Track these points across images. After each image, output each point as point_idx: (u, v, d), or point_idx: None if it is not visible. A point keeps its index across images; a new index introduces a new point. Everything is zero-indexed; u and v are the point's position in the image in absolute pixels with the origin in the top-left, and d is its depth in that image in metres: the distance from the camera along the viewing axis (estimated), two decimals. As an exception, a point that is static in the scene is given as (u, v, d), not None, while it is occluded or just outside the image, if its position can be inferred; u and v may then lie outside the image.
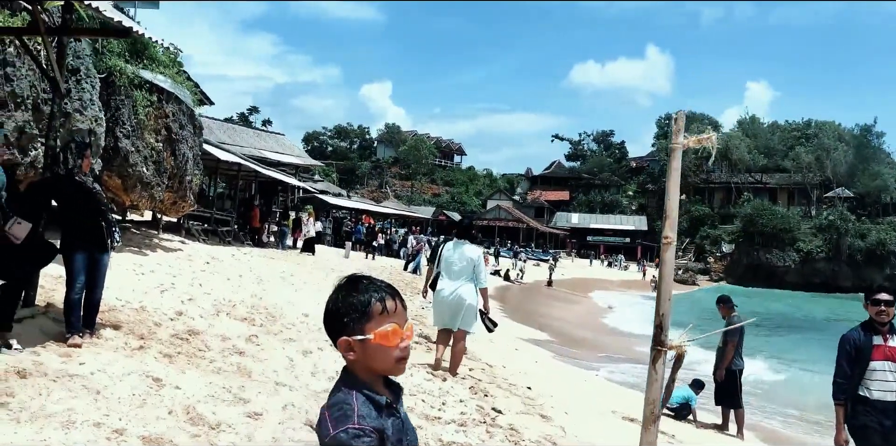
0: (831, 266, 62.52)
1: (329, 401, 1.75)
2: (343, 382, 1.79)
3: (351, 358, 1.79)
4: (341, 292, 1.85)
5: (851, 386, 4.99)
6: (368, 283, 1.86)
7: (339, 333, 1.80)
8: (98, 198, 5.89)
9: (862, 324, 5.12)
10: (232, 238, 22.39)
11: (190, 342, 6.45)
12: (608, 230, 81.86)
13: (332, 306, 1.84)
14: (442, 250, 8.11)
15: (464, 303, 7.62)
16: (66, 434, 3.58)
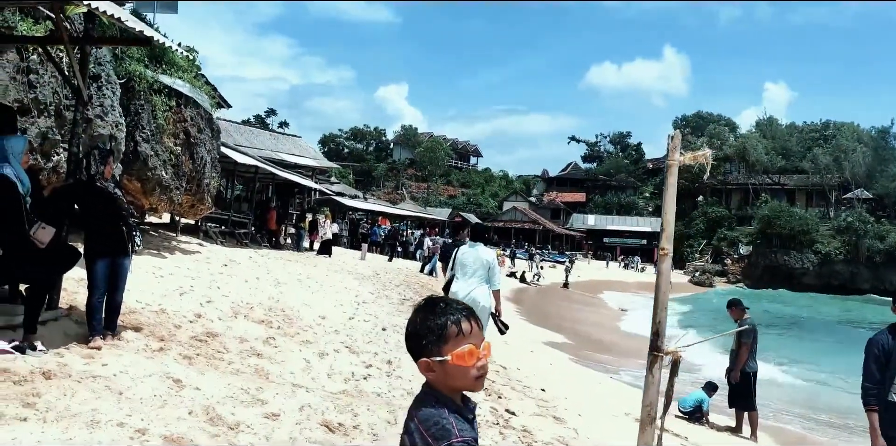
0: (850, 268, 61.98)
1: (419, 416, 1.86)
2: (429, 397, 1.90)
3: (431, 377, 1.90)
4: (419, 315, 1.95)
5: (882, 391, 4.84)
6: (445, 306, 1.95)
7: (419, 354, 1.91)
8: (119, 204, 6.03)
9: (890, 327, 4.97)
10: (249, 240, 22.58)
11: (209, 344, 6.58)
12: (625, 232, 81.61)
13: (412, 329, 1.95)
14: (457, 253, 8.22)
15: (478, 305, 7.68)
16: (91, 433, 3.70)
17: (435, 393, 1.90)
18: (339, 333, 8.93)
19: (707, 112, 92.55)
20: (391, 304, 14.41)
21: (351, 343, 8.41)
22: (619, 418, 8.10)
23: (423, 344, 1.90)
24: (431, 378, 1.90)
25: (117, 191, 6.11)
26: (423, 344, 1.90)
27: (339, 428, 4.90)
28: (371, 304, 13.34)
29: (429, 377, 1.91)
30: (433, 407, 1.86)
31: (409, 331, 1.95)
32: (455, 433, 1.79)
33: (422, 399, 1.91)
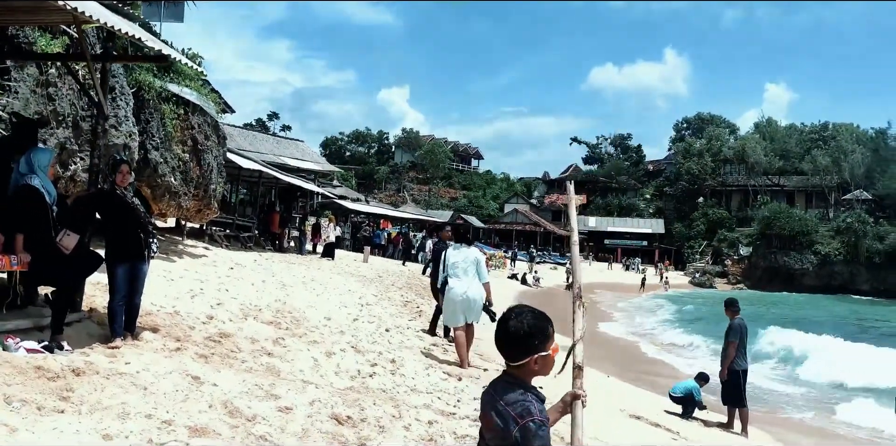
0: (849, 268, 62.19)
1: (506, 399, 2.34)
2: (515, 386, 2.38)
3: (529, 370, 2.39)
4: (525, 321, 2.42)
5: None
6: (540, 313, 2.48)
7: (528, 352, 2.38)
8: (137, 212, 6.38)
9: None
10: (253, 243, 22.94)
11: (222, 344, 6.93)
12: (625, 233, 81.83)
13: (524, 332, 2.39)
14: (447, 255, 9.09)
15: (476, 300, 8.71)
16: (123, 423, 4.05)
17: (521, 382, 2.39)
18: (344, 334, 9.28)
19: (708, 113, 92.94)
20: (394, 306, 14.74)
21: (356, 343, 8.75)
22: (614, 414, 8.44)
23: (535, 343, 2.39)
24: (530, 370, 2.40)
25: (135, 199, 6.45)
26: (535, 343, 2.38)
27: (348, 420, 5.25)
28: (374, 306, 13.69)
29: (529, 370, 2.39)
30: (519, 392, 2.35)
31: (521, 334, 2.39)
32: (536, 412, 2.28)
33: (506, 387, 2.39)
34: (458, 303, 8.76)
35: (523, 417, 2.27)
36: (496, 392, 2.39)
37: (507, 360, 2.44)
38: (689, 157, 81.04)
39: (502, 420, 2.30)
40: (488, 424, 2.39)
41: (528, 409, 2.29)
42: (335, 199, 40.76)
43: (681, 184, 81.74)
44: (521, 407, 2.29)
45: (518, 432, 2.25)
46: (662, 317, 29.12)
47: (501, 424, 2.30)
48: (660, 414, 9.36)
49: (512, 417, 2.28)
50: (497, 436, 2.33)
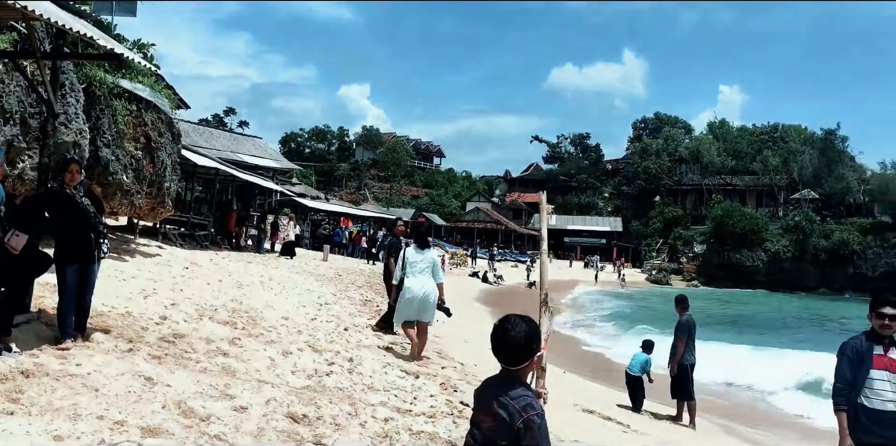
0: (798, 265, 63.94)
1: (510, 395, 2.70)
2: (516, 383, 2.76)
3: (527, 368, 2.80)
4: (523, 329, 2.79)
5: (852, 394, 5.08)
6: (531, 320, 2.88)
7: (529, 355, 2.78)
8: (88, 212, 6.29)
9: (865, 333, 5.21)
10: (209, 242, 22.69)
11: (176, 344, 6.88)
12: (584, 231, 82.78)
13: (525, 341, 2.77)
14: (405, 254, 9.37)
15: (430, 298, 9.11)
16: (74, 424, 4.02)
17: (521, 380, 2.78)
18: (302, 333, 9.27)
19: (665, 114, 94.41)
20: (353, 305, 14.74)
21: (314, 342, 8.75)
22: (567, 408, 8.58)
23: (534, 347, 2.79)
24: (527, 368, 2.80)
25: (85, 199, 6.35)
26: (534, 347, 2.79)
27: (304, 418, 5.28)
28: (333, 305, 13.67)
29: (528, 369, 2.81)
30: (521, 389, 2.74)
31: (523, 343, 2.76)
32: (537, 407, 2.67)
33: (509, 384, 2.76)
34: (415, 301, 9.05)
35: (527, 411, 2.63)
36: (499, 388, 2.74)
37: (509, 365, 2.78)
38: (647, 157, 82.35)
39: (507, 413, 2.65)
40: (490, 417, 2.73)
41: (530, 404, 2.67)
42: (294, 197, 40.49)
43: (638, 183, 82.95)
44: (524, 402, 2.66)
45: (522, 423, 2.61)
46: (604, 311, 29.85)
47: (507, 417, 2.64)
48: (612, 407, 9.55)
49: (517, 410, 2.63)
50: (499, 427, 2.66)
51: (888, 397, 5.00)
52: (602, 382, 12.43)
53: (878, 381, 5.03)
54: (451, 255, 51.76)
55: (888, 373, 5.03)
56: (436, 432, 5.81)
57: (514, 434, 2.60)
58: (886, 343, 5.10)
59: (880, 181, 68.41)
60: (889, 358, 5.06)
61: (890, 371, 5.04)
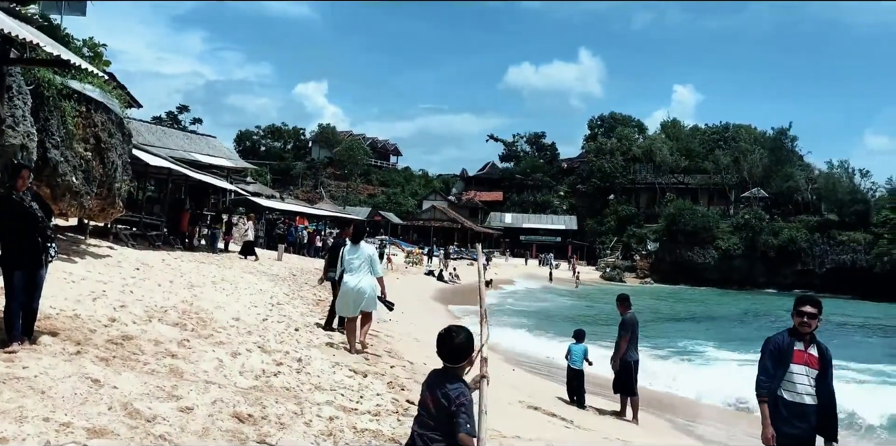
0: (748, 263, 65.61)
1: (449, 386, 3.63)
2: (456, 379, 3.69)
3: (463, 368, 3.74)
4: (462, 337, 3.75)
5: (773, 386, 5.39)
6: (468, 331, 3.81)
7: (465, 357, 3.73)
8: (36, 217, 6.33)
9: (788, 330, 5.53)
10: (161, 242, 22.50)
11: (124, 346, 6.94)
12: (540, 229, 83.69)
13: (464, 346, 3.73)
14: (343, 252, 9.97)
15: (366, 293, 9.66)
16: (20, 427, 4.11)
17: (458, 375, 3.71)
18: (252, 334, 9.36)
19: (620, 113, 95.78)
20: (305, 305, 14.83)
21: (263, 343, 8.86)
22: (513, 405, 8.83)
23: (469, 351, 3.74)
24: (463, 368, 3.73)
25: (34, 204, 6.39)
26: (469, 351, 3.74)
27: (249, 418, 5.42)
28: (286, 306, 13.75)
29: (463, 368, 3.73)
30: (457, 384, 3.66)
31: (463, 347, 3.72)
32: (467, 395, 3.61)
33: (449, 378, 3.69)
34: (351, 295, 9.66)
35: (459, 398, 3.58)
36: (441, 381, 3.69)
37: (449, 363, 3.73)
38: (601, 156, 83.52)
39: (447, 399, 3.59)
40: (433, 402, 3.68)
41: (462, 393, 3.61)
42: (248, 197, 40.22)
43: (593, 182, 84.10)
44: (458, 392, 3.61)
45: (455, 407, 3.56)
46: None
47: (446, 402, 3.59)
48: (557, 404, 9.83)
49: (452, 398, 3.58)
50: (441, 409, 3.61)
51: (805, 390, 5.36)
52: (544, 376, 12.72)
53: (797, 375, 5.38)
54: (407, 254, 51.95)
55: (807, 368, 5.38)
56: (380, 430, 6.01)
57: (451, 414, 3.57)
58: (807, 339, 5.45)
59: (827, 180, 70.52)
60: (808, 354, 5.42)
61: (808, 366, 5.39)
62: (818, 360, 5.40)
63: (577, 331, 10.64)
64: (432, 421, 3.66)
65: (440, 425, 3.61)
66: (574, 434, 8.15)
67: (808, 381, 5.37)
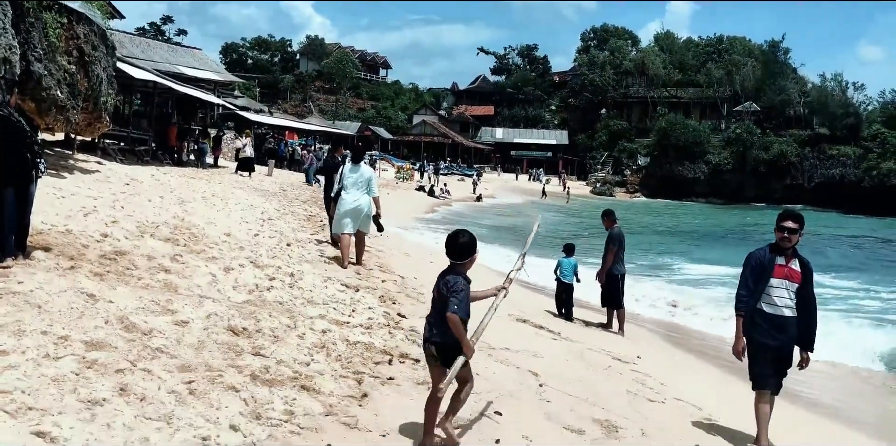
0: (737, 177, 65.90)
1: (449, 279, 4.17)
2: (457, 274, 4.20)
3: (468, 265, 4.26)
4: (466, 238, 4.26)
5: (753, 301, 5.54)
6: (472, 234, 4.32)
7: (468, 255, 4.23)
8: (24, 131, 6.25)
9: (769, 245, 5.65)
10: (150, 157, 22.34)
11: (118, 262, 7.01)
12: (531, 144, 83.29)
13: (468, 244, 4.23)
14: (343, 169, 10.27)
15: (362, 211, 10.00)
16: (19, 340, 4.21)
17: (460, 271, 4.23)
18: (244, 249, 9.44)
19: (613, 25, 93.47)
20: (297, 220, 14.90)
21: (255, 258, 8.96)
22: (503, 319, 9.03)
23: (473, 250, 4.26)
24: (465, 266, 4.24)
25: (21, 119, 6.30)
26: (473, 250, 4.26)
27: (244, 331, 5.56)
28: (277, 221, 13.81)
29: (466, 265, 4.24)
30: (458, 277, 4.18)
31: (466, 246, 4.23)
32: (461, 285, 4.14)
33: (453, 274, 4.20)
34: (347, 212, 9.96)
35: (454, 286, 4.13)
36: (445, 275, 4.23)
37: (454, 260, 4.24)
38: (594, 69, 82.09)
39: (445, 288, 4.16)
40: (437, 292, 4.26)
41: (458, 283, 4.15)
42: (236, 111, 39.58)
43: (585, 96, 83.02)
44: (454, 281, 4.16)
45: (448, 293, 4.12)
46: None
47: (444, 290, 4.16)
48: (545, 316, 10.09)
49: (450, 286, 4.14)
50: (441, 297, 4.18)
51: (785, 304, 5.52)
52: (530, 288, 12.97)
53: (777, 289, 5.52)
54: (398, 170, 51.85)
55: (787, 282, 5.52)
56: (371, 342, 6.18)
57: (445, 298, 4.13)
58: (789, 254, 5.57)
59: (820, 93, 69.88)
60: (789, 269, 5.54)
61: (789, 280, 5.53)
62: (799, 274, 5.53)
63: (566, 245, 10.76)
64: (435, 308, 4.29)
65: (439, 310, 4.19)
66: (561, 345, 8.40)
67: (787, 295, 5.52)
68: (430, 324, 4.29)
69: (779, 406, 5.78)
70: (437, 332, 4.20)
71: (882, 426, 7.42)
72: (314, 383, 4.85)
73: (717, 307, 12.65)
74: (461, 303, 4.09)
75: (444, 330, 4.12)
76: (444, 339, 4.17)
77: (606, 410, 5.75)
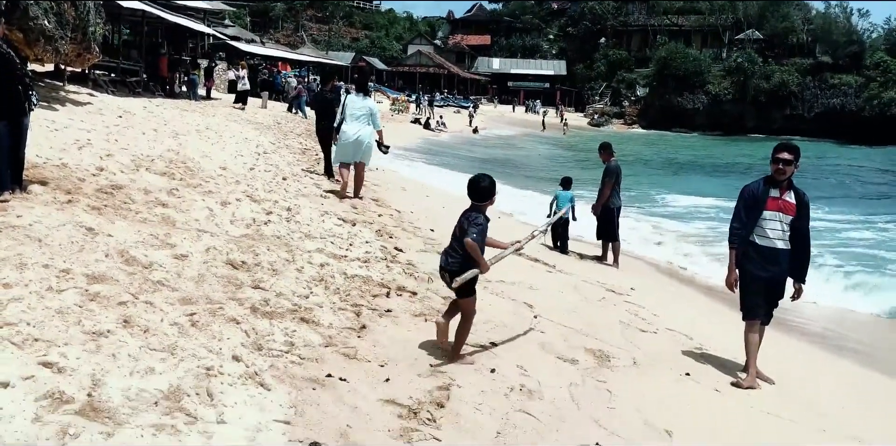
0: (737, 107, 65.25)
1: (470, 215, 4.66)
2: (477, 211, 4.69)
3: (486, 205, 4.73)
4: (487, 181, 4.76)
5: (745, 233, 5.58)
6: (492, 178, 4.82)
7: (489, 197, 4.73)
8: (13, 63, 6.14)
9: (764, 178, 5.64)
10: (142, 89, 22.05)
11: (115, 196, 7.01)
12: (529, 75, 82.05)
13: (488, 187, 4.72)
14: (346, 101, 10.25)
15: (364, 142, 10.11)
16: (21, 273, 4.26)
17: (480, 210, 4.70)
18: (240, 183, 9.44)
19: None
20: (292, 154, 14.83)
21: (252, 192, 8.97)
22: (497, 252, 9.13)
23: (493, 192, 4.76)
24: (485, 206, 4.73)
25: (10, 51, 6.18)
26: (493, 192, 4.76)
27: (243, 265, 5.62)
28: (272, 155, 13.75)
29: (486, 206, 4.74)
30: (479, 214, 4.67)
31: (487, 189, 4.72)
32: (481, 221, 4.64)
33: (474, 211, 4.69)
34: (349, 144, 10.07)
35: (475, 220, 4.63)
36: (467, 213, 4.71)
37: (475, 201, 4.72)
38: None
39: (467, 222, 4.64)
40: (458, 227, 4.72)
41: (478, 218, 4.66)
42: (227, 41, 38.74)
43: (584, 25, 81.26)
44: (475, 216, 4.66)
45: (469, 225, 4.62)
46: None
47: (466, 224, 4.65)
48: (540, 249, 10.18)
49: (471, 220, 4.64)
50: (461, 230, 4.66)
51: (777, 236, 5.56)
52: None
53: (770, 221, 5.55)
54: (393, 101, 51.24)
55: (781, 214, 5.54)
56: (369, 276, 6.26)
57: (465, 229, 4.62)
58: (783, 186, 5.57)
59: (823, 20, 68.54)
60: (783, 201, 5.56)
61: (782, 212, 5.54)
62: (794, 206, 5.54)
63: (564, 179, 10.78)
64: (455, 241, 4.74)
65: (459, 243, 4.67)
66: (555, 277, 8.52)
67: (780, 227, 5.54)
68: (448, 254, 4.78)
69: (768, 336, 5.92)
70: (454, 261, 4.70)
71: (870, 354, 7.60)
72: (313, 315, 4.95)
73: (702, 242, 12.81)
74: (479, 234, 4.60)
75: (461, 260, 4.65)
76: (460, 268, 4.62)
77: (599, 340, 5.89)
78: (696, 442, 4.31)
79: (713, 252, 11.56)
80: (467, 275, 4.57)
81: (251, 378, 3.78)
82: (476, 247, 4.56)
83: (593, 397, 4.70)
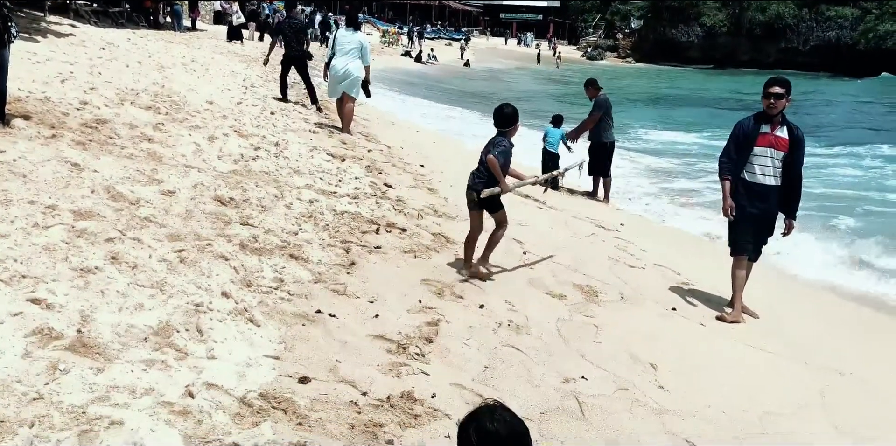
0: (732, 40, 64.18)
1: (496, 140, 5.20)
2: (504, 138, 5.21)
3: (512, 132, 5.26)
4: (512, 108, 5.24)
5: (735, 167, 5.56)
6: (516, 109, 5.27)
7: (512, 124, 5.23)
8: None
9: (756, 114, 5.59)
10: (125, 19, 21.47)
11: (99, 130, 6.90)
12: (521, 7, 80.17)
13: (511, 114, 5.21)
14: (336, 35, 10.30)
15: (351, 74, 10.09)
16: (7, 209, 4.22)
17: (506, 136, 5.21)
18: (227, 118, 9.29)
19: None
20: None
21: (239, 127, 8.84)
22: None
23: (516, 120, 5.24)
24: (510, 133, 5.23)
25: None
26: (516, 120, 5.23)
27: (231, 201, 5.59)
28: (260, 88, 13.51)
29: (510, 132, 5.23)
30: (503, 138, 5.19)
31: (509, 116, 5.19)
32: (506, 143, 5.19)
33: (499, 137, 5.19)
34: (338, 77, 10.11)
35: (500, 143, 5.15)
36: (494, 138, 5.19)
37: (500, 127, 5.21)
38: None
39: (492, 145, 5.12)
40: (484, 151, 5.18)
41: (503, 141, 5.17)
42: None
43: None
44: (500, 140, 5.16)
45: (493, 146, 5.15)
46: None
47: (491, 147, 5.10)
48: (526, 186, 10.13)
49: (496, 143, 5.15)
50: (486, 149, 5.16)
51: (768, 172, 5.52)
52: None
53: (760, 157, 5.50)
54: (383, 34, 50.12)
55: (772, 150, 5.49)
56: (358, 212, 6.25)
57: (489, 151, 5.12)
58: (776, 121, 5.50)
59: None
60: (774, 136, 5.50)
61: (774, 148, 5.49)
62: (786, 141, 5.49)
63: (555, 116, 10.65)
64: (481, 164, 5.22)
65: (484, 165, 5.16)
66: (545, 213, 8.53)
67: (771, 163, 5.49)
68: (475, 176, 5.30)
69: (756, 272, 5.97)
70: (479, 182, 5.20)
71: (855, 288, 7.69)
72: (302, 252, 4.96)
73: (692, 178, 12.81)
74: (501, 154, 5.11)
75: (486, 180, 5.18)
76: (485, 188, 5.15)
77: (588, 276, 5.94)
78: (681, 375, 4.40)
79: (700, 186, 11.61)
80: (492, 190, 5.12)
81: (241, 314, 3.81)
82: (496, 164, 5.04)
83: (580, 332, 4.77)
